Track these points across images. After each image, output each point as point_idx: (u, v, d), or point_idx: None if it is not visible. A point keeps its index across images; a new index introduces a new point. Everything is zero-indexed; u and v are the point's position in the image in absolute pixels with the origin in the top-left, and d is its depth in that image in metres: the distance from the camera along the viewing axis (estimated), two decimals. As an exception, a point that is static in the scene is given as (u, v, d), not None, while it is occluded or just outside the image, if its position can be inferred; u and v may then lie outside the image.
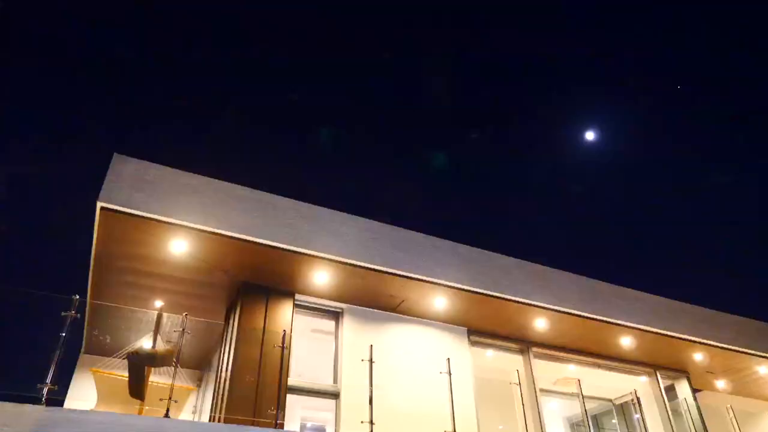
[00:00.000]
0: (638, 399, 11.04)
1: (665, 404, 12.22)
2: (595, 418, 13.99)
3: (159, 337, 7.67)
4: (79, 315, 6.79)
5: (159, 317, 7.81)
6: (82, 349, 10.76)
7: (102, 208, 7.30)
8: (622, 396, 13.39)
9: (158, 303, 8.64)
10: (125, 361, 7.62)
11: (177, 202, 7.73)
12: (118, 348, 8.30)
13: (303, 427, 10.23)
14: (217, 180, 8.30)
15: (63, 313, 6.69)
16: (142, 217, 7.44)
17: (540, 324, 10.52)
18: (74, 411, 5.98)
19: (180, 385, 7.79)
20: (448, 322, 10.37)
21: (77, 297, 6.81)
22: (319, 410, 10.24)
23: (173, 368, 7.31)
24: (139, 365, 7.28)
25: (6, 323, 7.52)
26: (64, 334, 6.45)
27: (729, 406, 11.61)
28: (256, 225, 8.12)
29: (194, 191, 7.97)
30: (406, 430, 8.16)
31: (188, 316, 7.47)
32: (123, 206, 7.35)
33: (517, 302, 9.80)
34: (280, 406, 7.60)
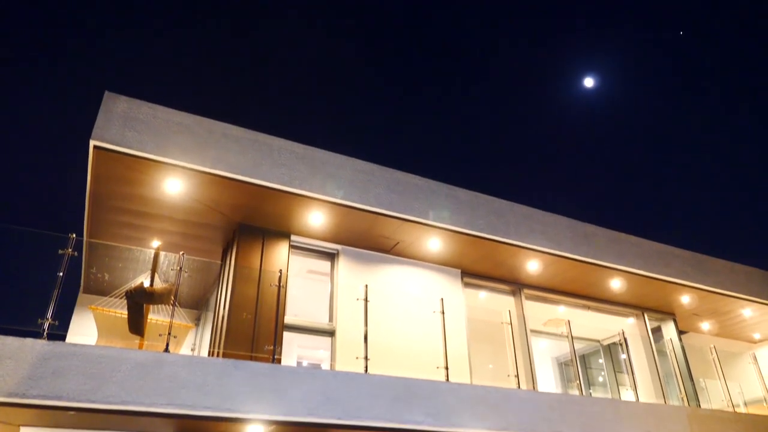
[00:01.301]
0: (625, 339, 11.35)
1: (651, 345, 12.60)
2: (582, 357, 14.44)
3: (156, 276, 7.76)
4: (76, 253, 6.85)
5: (156, 256, 7.88)
6: (81, 289, 10.90)
7: (95, 147, 7.23)
8: (610, 337, 13.78)
9: (155, 243, 8.69)
10: (124, 300, 7.73)
11: (171, 142, 7.66)
12: (117, 286, 8.41)
13: (299, 365, 10.53)
14: (210, 120, 8.20)
15: (60, 251, 6.75)
16: (136, 156, 7.39)
17: (532, 266, 10.70)
18: (76, 345, 6.12)
19: (178, 323, 7.94)
20: (442, 264, 10.53)
21: (74, 235, 6.85)
22: (315, 349, 10.53)
23: (171, 306, 7.45)
24: (138, 303, 7.39)
25: (4, 261, 7.57)
26: (62, 270, 6.52)
27: (712, 346, 11.96)
28: (251, 166, 8.09)
29: (188, 130, 7.89)
30: (400, 366, 8.41)
31: (185, 255, 7.55)
32: (116, 145, 7.28)
33: (511, 245, 9.92)
34: (277, 342, 7.79)
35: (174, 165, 7.58)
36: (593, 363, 14.56)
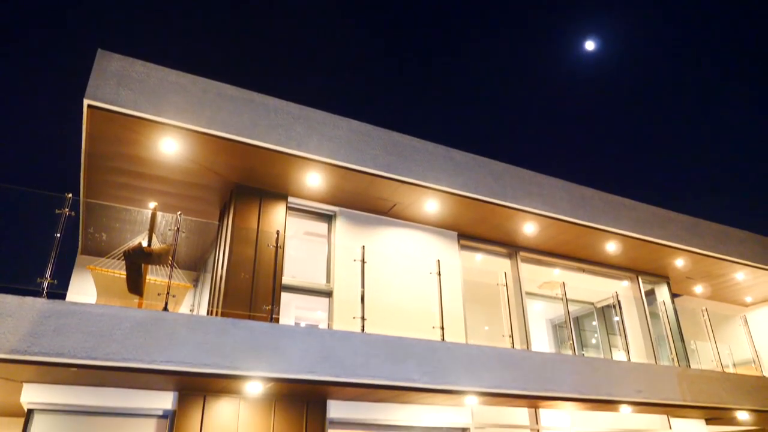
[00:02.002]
0: (619, 302, 11.51)
1: (644, 307, 12.79)
2: (576, 320, 14.66)
3: (154, 237, 7.78)
4: (73, 213, 6.85)
5: (153, 216, 7.89)
6: (79, 250, 10.94)
7: (89, 106, 7.15)
8: (604, 299, 13.97)
9: (152, 204, 8.67)
10: (122, 260, 7.76)
11: (165, 101, 7.58)
12: (114, 247, 8.44)
13: (297, 326, 10.65)
14: (205, 79, 8.09)
15: (57, 211, 6.75)
16: (131, 115, 7.31)
17: (529, 229, 10.75)
18: (75, 304, 6.18)
19: (177, 283, 8.01)
20: (439, 226, 10.57)
21: (70, 195, 6.84)
22: (312, 310, 10.65)
23: (169, 266, 7.50)
24: (136, 263, 7.43)
25: (1, 222, 7.57)
26: (59, 230, 6.54)
27: (704, 308, 12.15)
28: (247, 126, 8.03)
29: (183, 90, 7.79)
30: (396, 326, 8.53)
31: (182, 215, 7.55)
32: (110, 104, 7.20)
33: (508, 207, 9.95)
34: (275, 302, 7.87)
35: (169, 125, 7.52)
36: (587, 325, 14.79)
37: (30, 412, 6.79)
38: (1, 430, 9.32)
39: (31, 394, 6.75)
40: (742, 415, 11.06)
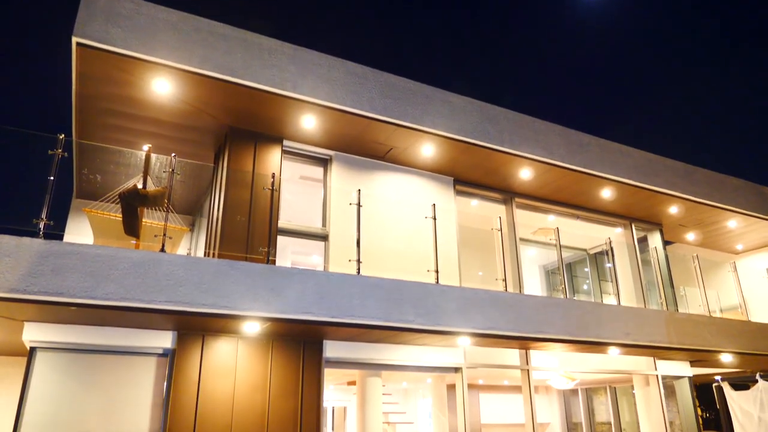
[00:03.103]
0: (611, 248, 11.65)
1: (636, 254, 12.96)
2: (569, 266, 14.89)
3: (149, 179, 7.75)
4: (66, 154, 6.78)
5: (147, 158, 7.82)
6: (74, 194, 10.91)
7: (78, 45, 6.96)
8: (597, 246, 14.14)
9: (145, 146, 8.58)
10: (118, 203, 7.75)
11: (156, 39, 7.38)
12: (110, 189, 8.39)
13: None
14: (197, 17, 7.86)
15: (50, 152, 6.68)
16: (121, 54, 7.14)
17: (525, 175, 10.75)
18: (73, 244, 6.20)
19: (173, 226, 8.03)
20: (435, 171, 10.55)
21: (62, 136, 6.75)
22: (308, 255, 10.75)
23: (165, 209, 7.50)
24: (132, 205, 7.41)
25: (-6, 163, 7.50)
26: (53, 171, 6.50)
27: (695, 255, 12.32)
28: (239, 66, 7.86)
29: (174, 28, 7.58)
30: (392, 269, 8.65)
31: (177, 157, 7.50)
32: (99, 42, 7.01)
33: (504, 152, 9.91)
34: (272, 244, 7.93)
35: (160, 64, 7.35)
36: (579, 271, 15.03)
37: (32, 350, 6.94)
38: (5, 370, 9.54)
39: (33, 333, 6.88)
40: (726, 358, 11.41)
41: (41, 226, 6.28)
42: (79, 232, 9.77)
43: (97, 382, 7.17)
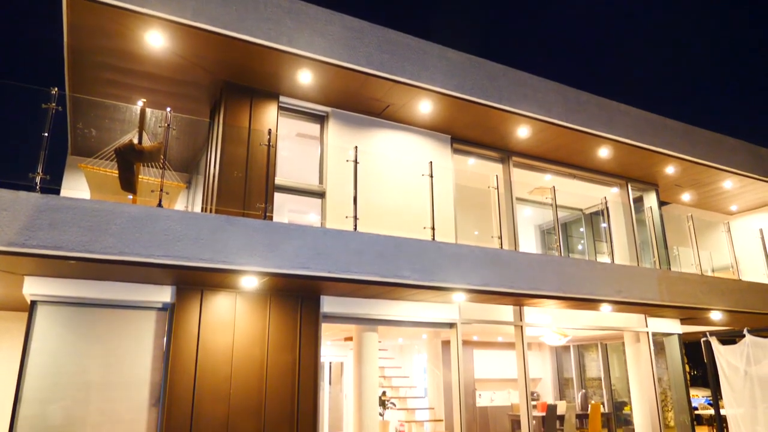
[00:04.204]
0: (607, 207, 11.72)
1: (632, 214, 13.03)
2: (564, 225, 14.99)
3: (145, 134, 7.70)
4: (60, 108, 6.71)
5: (143, 113, 7.76)
6: (69, 150, 10.84)
7: (68, -6, 6.81)
8: (592, 206, 14.21)
9: (140, 101, 8.51)
10: (114, 159, 7.72)
11: (149, -10, 7.21)
12: (106, 144, 8.35)
13: (291, 226, 10.80)
14: (190, -33, 7.65)
15: (43, 106, 6.61)
16: (113, 5, 6.98)
17: (522, 133, 10.71)
18: (70, 198, 6.21)
19: (170, 182, 8.02)
20: (433, 129, 10.50)
21: (56, 89, 6.67)
22: (305, 213, 10.78)
23: (161, 164, 7.48)
24: (128, 160, 7.39)
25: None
26: (47, 125, 6.45)
27: (689, 215, 12.41)
28: (234, 19, 7.71)
29: (166, -22, 7.39)
30: (388, 226, 8.71)
31: (172, 112, 7.43)
32: (90, -8, 6.85)
33: (502, 110, 9.84)
34: (269, 200, 7.95)
35: (153, 16, 7.20)
36: (574, 231, 15.15)
37: (33, 303, 7.02)
38: (7, 325, 9.68)
39: (33, 287, 6.95)
40: (716, 315, 11.63)
41: (37, 180, 6.27)
42: (75, 187, 9.75)
43: (98, 335, 7.29)
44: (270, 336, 8.02)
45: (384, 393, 12.76)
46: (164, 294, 7.57)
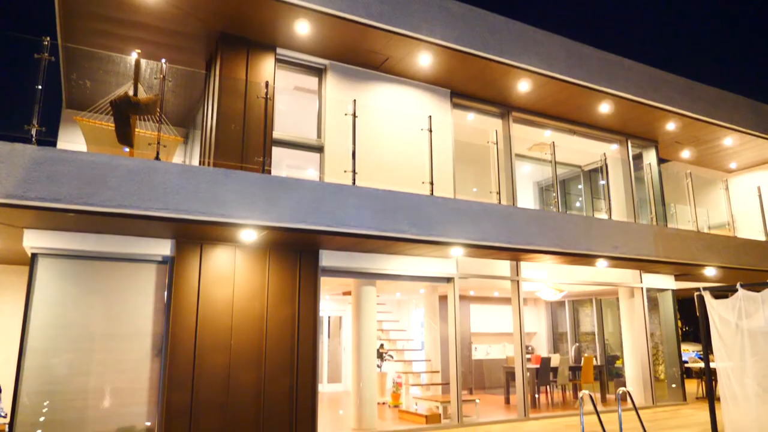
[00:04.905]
0: (606, 164, 11.69)
1: (630, 171, 13.01)
2: (563, 182, 14.98)
3: (140, 87, 7.58)
4: (53, 58, 6.59)
5: (137, 64, 7.62)
6: (64, 104, 10.71)
7: (57, -61, 6.59)
8: (591, 163, 14.17)
9: (134, 53, 8.35)
10: (110, 113, 7.63)
11: (140, -64, 6.98)
12: (101, 96, 8.23)
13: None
14: None
15: (36, 56, 6.49)
16: (104, -49, 6.78)
17: (523, 87, 10.58)
18: (67, 151, 6.17)
19: (167, 136, 7.95)
20: (432, 83, 10.35)
21: (48, 39, 6.54)
22: (303, 169, 10.73)
23: (158, 117, 7.41)
24: (123, 113, 7.30)
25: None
26: (41, 75, 6.34)
27: (688, 171, 12.40)
28: (230, -34, 7.49)
29: (158, -77, 7.14)
30: (387, 181, 8.69)
31: (168, 64, 7.31)
32: (80, -63, 6.63)
33: (503, 64, 9.69)
34: (266, 153, 7.90)
35: (146, -37, 6.99)
36: (572, 189, 15.15)
37: (34, 256, 7.08)
38: (10, 278, 9.78)
39: (33, 240, 6.99)
40: (710, 272, 11.78)
41: (33, 132, 6.22)
42: (72, 141, 9.67)
43: (99, 287, 7.38)
44: (269, 289, 8.12)
45: (382, 345, 13.02)
46: (164, 247, 7.63)
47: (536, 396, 12.19)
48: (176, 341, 7.40)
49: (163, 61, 7.26)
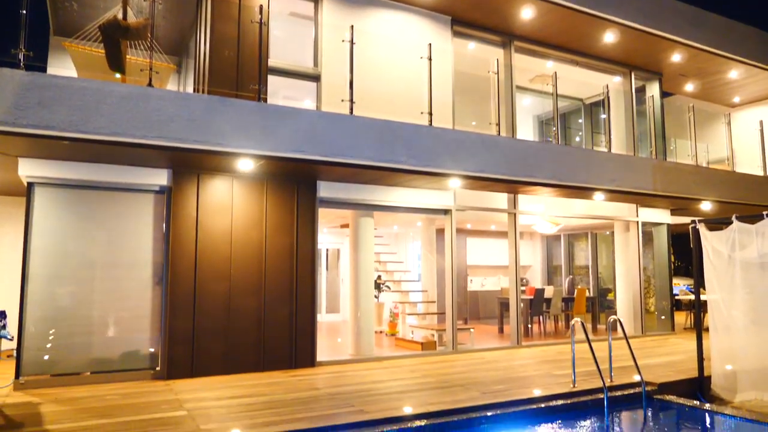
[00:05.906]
0: (608, 97, 11.49)
1: (632, 104, 12.80)
2: (563, 116, 14.78)
3: (129, 10, 7.31)
4: (37, -22, 6.31)
5: (125, -15, 7.31)
6: (52, 31, 10.35)
7: None
8: (593, 96, 13.93)
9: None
10: (99, 38, 7.38)
11: None
12: (88, 22, 7.94)
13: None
14: None
15: (19, -25, 6.20)
16: None
17: (526, 14, 10.22)
18: (56, 76, 6.01)
19: (160, 63, 7.75)
20: (432, 9, 10.00)
21: (30, -44, 6.23)
22: (299, 100, 10.53)
23: (149, 42, 7.19)
24: (113, 37, 7.07)
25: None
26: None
27: (691, 105, 12.22)
28: None
29: None
30: (384, 110, 8.55)
31: (156, -15, 7.02)
32: None
33: (506, -11, 9.33)
34: (262, 81, 7.72)
35: None
36: (573, 123, 14.97)
37: (30, 185, 7.04)
38: (7, 209, 9.79)
39: (29, 169, 6.94)
40: (706, 206, 11.83)
41: (20, 57, 6.04)
42: (62, 67, 9.41)
43: (97, 216, 7.39)
44: (267, 220, 8.15)
45: (379, 277, 13.25)
46: (160, 177, 7.59)
47: (529, 326, 12.52)
48: (176, 270, 7.50)
49: (152, -19, 6.95)
